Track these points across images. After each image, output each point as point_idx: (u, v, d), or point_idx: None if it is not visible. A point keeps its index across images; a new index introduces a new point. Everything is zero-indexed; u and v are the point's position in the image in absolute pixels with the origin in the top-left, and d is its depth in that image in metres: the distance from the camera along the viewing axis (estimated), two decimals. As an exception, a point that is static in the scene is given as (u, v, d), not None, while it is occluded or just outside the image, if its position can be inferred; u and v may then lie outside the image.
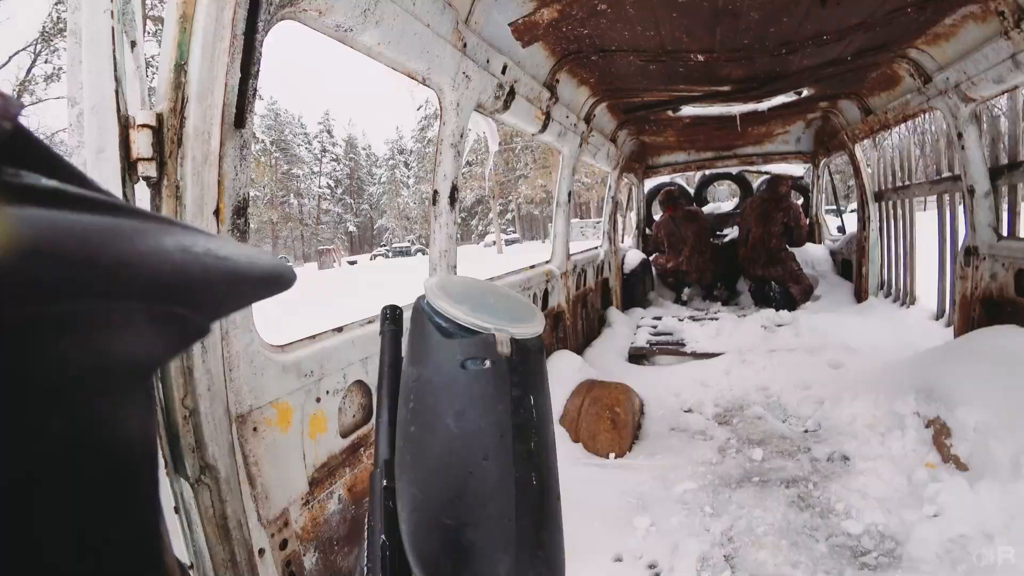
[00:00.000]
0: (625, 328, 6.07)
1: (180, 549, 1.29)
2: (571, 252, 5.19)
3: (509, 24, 2.66)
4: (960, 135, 3.69)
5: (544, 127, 3.89)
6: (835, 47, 3.53)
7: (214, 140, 1.35)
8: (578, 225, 38.90)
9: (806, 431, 3.56)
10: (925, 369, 3.38)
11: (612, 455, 3.34)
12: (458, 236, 2.93)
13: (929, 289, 5.10)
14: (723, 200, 10.65)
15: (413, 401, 0.44)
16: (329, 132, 64.56)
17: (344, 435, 2.04)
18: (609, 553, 2.43)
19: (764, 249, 6.72)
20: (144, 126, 1.17)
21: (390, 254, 46.64)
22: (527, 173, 42.00)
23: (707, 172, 8.84)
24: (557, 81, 3.78)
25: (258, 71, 1.54)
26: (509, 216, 53.17)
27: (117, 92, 1.14)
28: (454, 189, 2.78)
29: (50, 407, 0.19)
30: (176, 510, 1.27)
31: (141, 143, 1.17)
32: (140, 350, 0.22)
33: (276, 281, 0.27)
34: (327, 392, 1.92)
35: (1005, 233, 3.64)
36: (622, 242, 7.90)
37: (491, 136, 3.24)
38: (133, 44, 1.25)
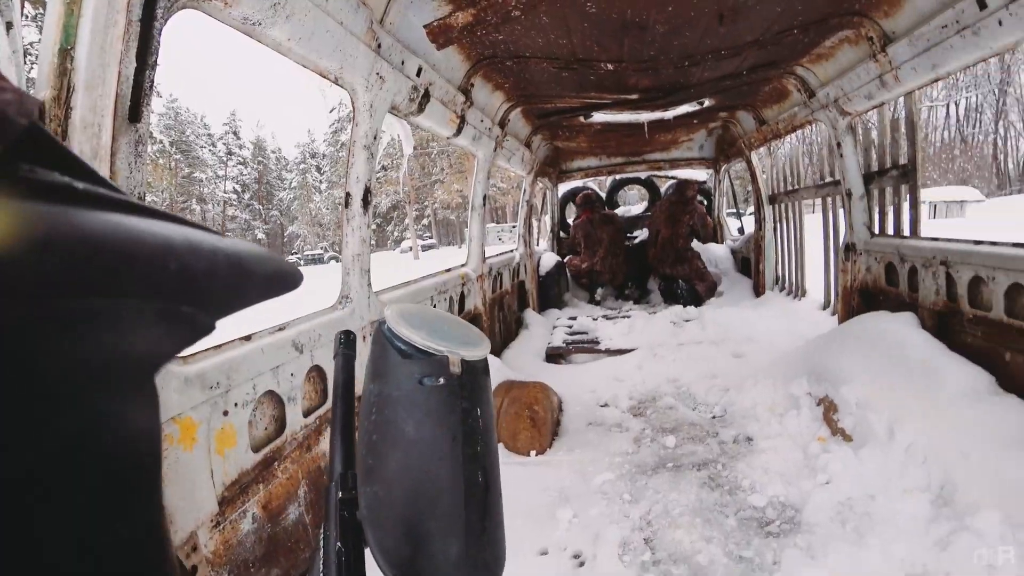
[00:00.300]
0: (542, 329, 6.19)
1: None
2: (487, 255, 5.23)
3: (424, 26, 2.65)
4: (839, 144, 4.10)
5: (459, 131, 3.89)
6: (732, 62, 3.82)
7: (105, 134, 1.25)
8: (495, 230, 39.19)
9: (714, 417, 3.79)
10: (814, 354, 3.70)
11: (533, 453, 3.39)
12: (372, 241, 2.88)
13: (818, 282, 5.60)
14: (633, 204, 11.15)
15: (375, 414, 0.48)
16: (235, 133, 60.90)
17: (256, 449, 1.95)
18: (535, 547, 2.47)
19: (672, 249, 7.11)
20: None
21: (302, 262, 44.79)
22: (443, 178, 41.81)
23: (618, 177, 9.23)
24: (472, 85, 3.80)
25: (156, 62, 1.45)
26: (425, 221, 52.64)
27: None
28: (367, 192, 2.73)
29: (57, 404, 0.19)
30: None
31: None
32: (147, 347, 0.22)
33: (283, 280, 0.27)
34: (235, 405, 1.82)
35: (877, 231, 4.07)
36: (537, 245, 8.07)
37: (405, 139, 3.21)
38: (9, 26, 1.15)
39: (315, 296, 2.84)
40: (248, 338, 1.96)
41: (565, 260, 8.04)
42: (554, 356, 5.46)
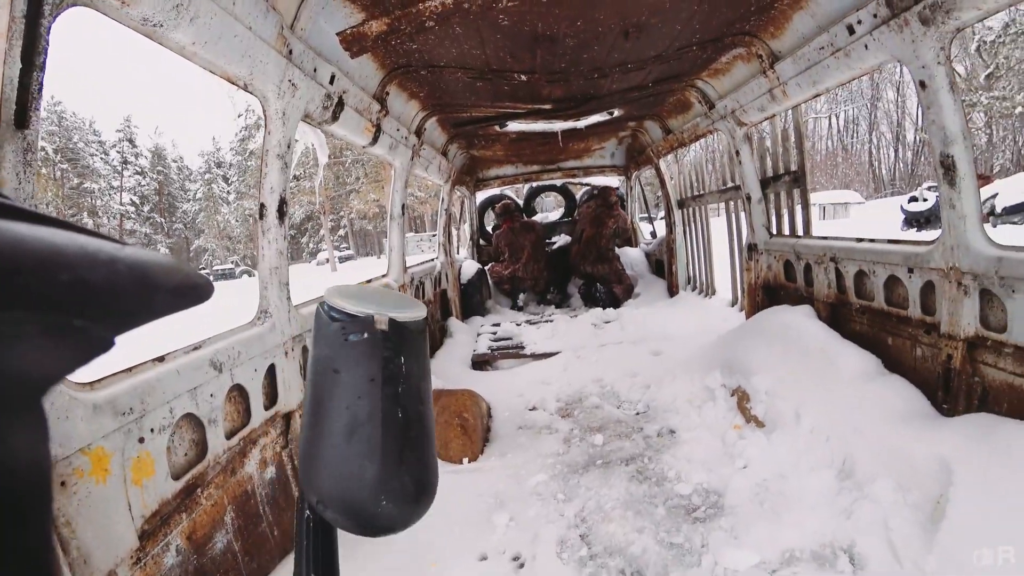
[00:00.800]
0: (466, 336, 6.20)
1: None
2: (408, 265, 5.18)
3: (337, 34, 2.60)
4: (738, 152, 4.43)
5: (375, 139, 3.84)
6: (638, 74, 4.03)
7: (-12, 142, 1.15)
8: (415, 239, 38.74)
9: (638, 413, 3.95)
10: (726, 348, 3.96)
11: (466, 460, 3.39)
12: (288, 252, 2.77)
13: (726, 281, 5.98)
14: (549, 211, 11.42)
15: (313, 375, 0.53)
16: (131, 141, 56.17)
17: (177, 477, 1.82)
18: (474, 553, 2.46)
19: (595, 247, 7.39)
20: None
21: (212, 277, 42.07)
22: (359, 188, 40.81)
23: (534, 184, 9.43)
24: (387, 94, 3.76)
25: (44, 63, 1.35)
26: (342, 232, 51.10)
27: None
28: (282, 202, 2.63)
29: None
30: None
31: None
32: (31, 367, 0.20)
33: (192, 292, 0.26)
34: (151, 431, 1.70)
35: (775, 232, 4.42)
36: (457, 253, 8.08)
37: (320, 147, 3.13)
38: None
39: (233, 313, 2.70)
40: (162, 359, 1.84)
41: (487, 267, 8.10)
42: (480, 363, 5.48)
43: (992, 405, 2.41)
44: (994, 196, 15.63)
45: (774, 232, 4.41)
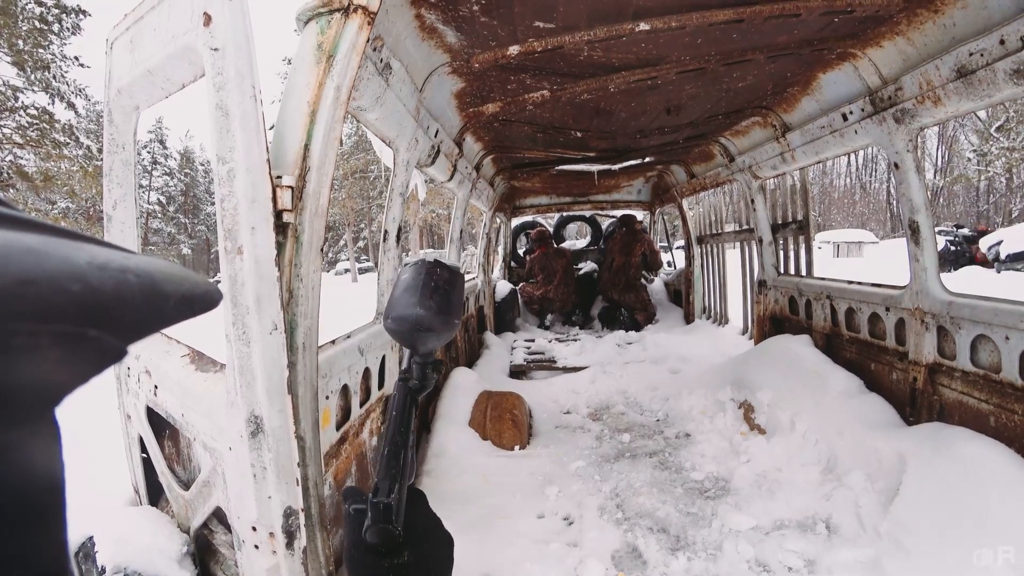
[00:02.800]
0: (501, 349, 6.89)
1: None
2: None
3: (462, 112, 3.36)
4: (753, 201, 5.16)
5: (451, 176, 4.61)
6: (672, 135, 4.81)
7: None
8: (434, 255, 39.44)
9: (658, 420, 4.63)
10: (736, 368, 4.64)
11: (516, 447, 4.08)
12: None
13: (738, 312, 6.67)
14: (573, 238, 12.18)
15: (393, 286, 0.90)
16: (162, 142, 58.09)
17: (337, 429, 2.53)
18: (533, 513, 3.16)
19: (624, 276, 8.11)
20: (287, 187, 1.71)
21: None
22: (383, 201, 41.89)
23: (564, 214, 10.19)
24: (463, 139, 4.54)
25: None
26: (362, 244, 52.27)
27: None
28: (399, 230, 3.40)
29: None
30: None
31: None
32: (45, 377, 0.20)
33: (201, 301, 0.26)
34: (331, 392, 2.42)
35: (782, 271, 5.13)
36: (492, 273, 8.84)
37: (420, 186, 3.91)
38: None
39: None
40: (334, 342, 2.57)
41: (519, 287, 8.85)
42: (517, 372, 6.18)
43: (947, 417, 3.08)
44: (999, 243, 16.12)
45: (781, 271, 5.12)
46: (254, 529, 1.81)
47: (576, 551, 2.77)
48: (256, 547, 1.82)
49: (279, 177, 1.70)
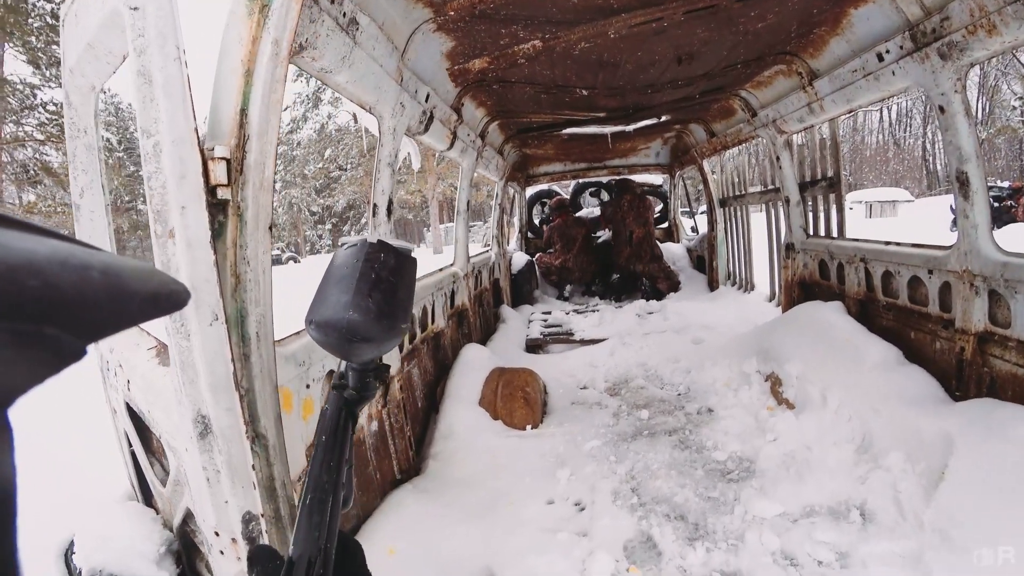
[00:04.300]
0: (518, 323, 6.70)
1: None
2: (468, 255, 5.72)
3: (447, 70, 3.10)
4: (778, 158, 4.78)
5: (451, 145, 4.36)
6: (687, 89, 4.43)
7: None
8: (445, 227, 39.42)
9: (679, 394, 4.38)
10: (762, 338, 4.35)
11: (528, 427, 3.89)
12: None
13: (765, 277, 6.32)
14: (590, 207, 11.81)
15: (325, 272, 0.75)
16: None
17: None
18: (542, 498, 2.97)
19: (649, 246, 7.80)
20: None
21: (258, 264, 43.61)
22: (402, 178, 41.73)
23: (580, 181, 9.84)
24: (462, 104, 4.26)
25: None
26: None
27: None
28: (390, 203, 3.17)
29: None
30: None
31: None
32: None
33: (168, 299, 0.25)
34: (313, 380, 2.25)
35: (811, 232, 4.76)
36: (508, 245, 8.61)
37: (415, 155, 3.66)
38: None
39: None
40: None
41: (536, 258, 8.60)
42: (533, 346, 5.99)
43: (999, 392, 2.77)
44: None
45: (810, 233, 4.76)
46: (217, 534, 1.67)
47: (585, 541, 2.59)
48: (221, 552, 1.69)
49: (211, 149, 1.49)
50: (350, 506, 0.66)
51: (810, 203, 4.75)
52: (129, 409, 2.39)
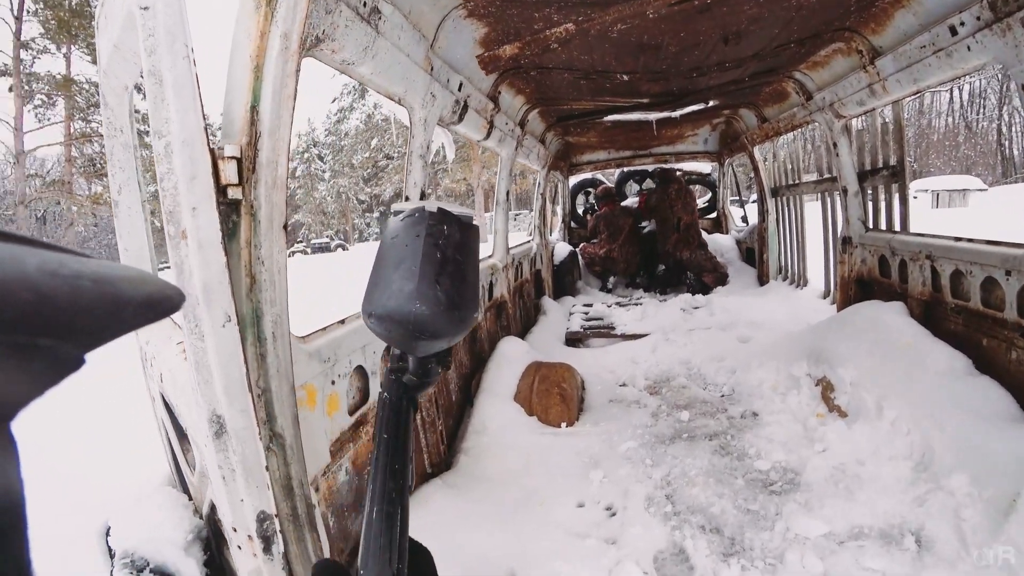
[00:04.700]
0: (559, 315, 6.59)
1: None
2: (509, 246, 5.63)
3: (476, 57, 3.00)
4: (835, 144, 4.46)
5: (488, 134, 4.27)
6: (735, 71, 4.17)
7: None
8: (488, 216, 39.44)
9: (723, 395, 4.19)
10: (814, 339, 4.09)
11: (563, 424, 3.80)
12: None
13: (819, 272, 5.97)
14: (632, 195, 11.51)
15: (378, 250, 0.67)
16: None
17: (351, 413, 2.35)
18: (573, 500, 2.89)
19: (696, 234, 7.60)
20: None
21: (309, 250, 45.02)
22: (447, 167, 41.99)
23: (625, 169, 9.58)
24: (499, 93, 4.16)
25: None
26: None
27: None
28: (422, 195, 3.11)
29: None
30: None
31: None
32: None
33: (162, 304, 0.25)
34: (339, 376, 2.22)
35: (871, 226, 4.44)
36: (550, 235, 8.47)
37: (448, 145, 3.59)
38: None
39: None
40: (343, 322, 2.36)
41: (579, 248, 8.44)
42: (573, 340, 5.87)
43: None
44: None
45: (870, 226, 4.43)
46: (235, 530, 1.67)
47: (614, 549, 2.49)
48: (239, 547, 1.69)
49: (221, 148, 1.45)
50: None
51: (870, 193, 4.42)
52: (163, 399, 2.44)
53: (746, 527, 2.56)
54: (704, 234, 8.08)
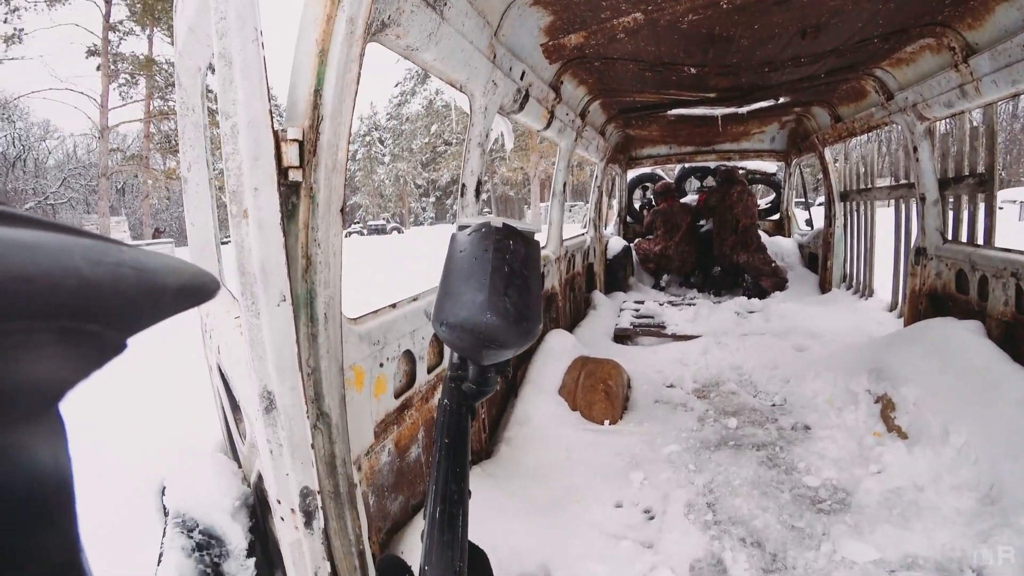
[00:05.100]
0: (609, 311, 6.50)
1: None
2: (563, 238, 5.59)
3: (541, 45, 2.96)
4: (915, 148, 4.18)
5: (548, 124, 4.23)
6: (811, 67, 3.96)
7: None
8: (543, 206, 39.27)
9: (773, 405, 4.04)
10: (877, 353, 3.88)
11: (607, 422, 3.76)
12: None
13: (886, 284, 5.65)
14: (692, 192, 11.19)
15: (446, 263, 0.72)
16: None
17: (396, 396, 2.39)
18: (610, 500, 2.85)
19: (756, 237, 7.34)
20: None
21: (365, 231, 46.17)
22: (505, 155, 42.04)
23: (686, 165, 9.31)
24: (561, 82, 4.10)
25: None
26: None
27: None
28: (479, 183, 3.12)
29: None
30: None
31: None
32: (45, 375, 0.20)
33: (198, 292, 0.26)
34: (387, 359, 2.26)
35: (950, 237, 4.15)
36: (605, 229, 8.35)
37: (508, 135, 3.58)
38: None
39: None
40: (394, 306, 2.40)
41: (634, 244, 8.30)
42: (622, 337, 5.79)
43: None
44: None
45: (948, 238, 4.15)
46: (279, 502, 1.74)
47: (650, 554, 2.45)
48: (282, 519, 1.75)
49: (284, 130, 1.48)
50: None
51: (951, 202, 4.13)
52: (220, 370, 2.55)
53: (790, 544, 2.46)
54: (764, 236, 7.80)
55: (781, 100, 5.27)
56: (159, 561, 2.10)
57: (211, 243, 2.66)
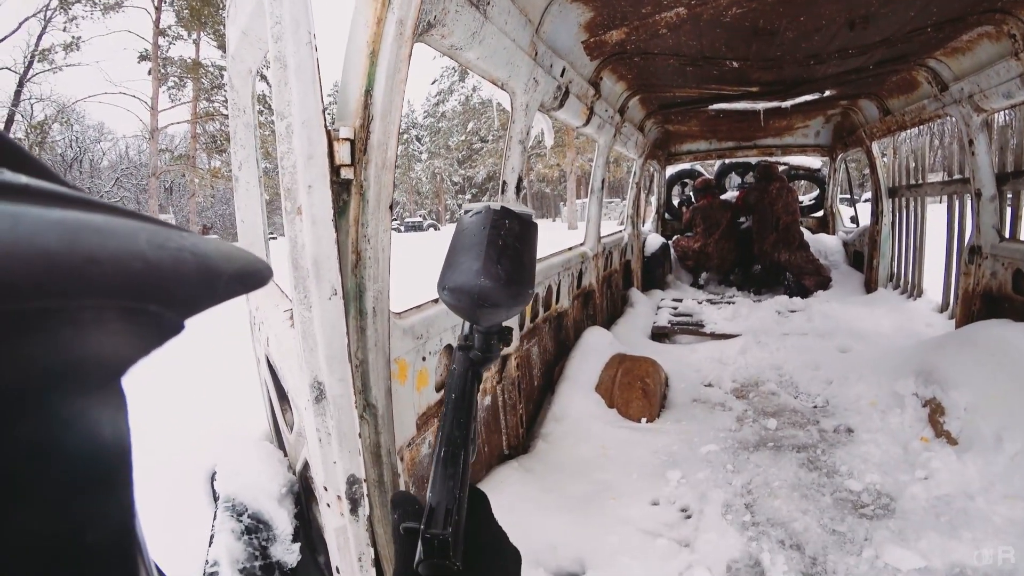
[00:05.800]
0: (646, 308, 6.45)
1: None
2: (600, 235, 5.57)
3: (582, 42, 2.97)
4: (971, 142, 4.01)
5: (587, 121, 4.22)
6: (859, 59, 3.84)
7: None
8: (579, 204, 38.97)
9: (815, 406, 3.95)
10: (925, 355, 3.75)
11: (644, 420, 3.75)
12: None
13: (936, 283, 5.44)
14: (732, 189, 10.96)
15: (450, 242, 0.77)
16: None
17: (438, 390, 2.45)
18: (647, 498, 2.85)
19: (798, 235, 7.17)
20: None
21: (402, 228, 46.77)
22: (541, 151, 41.94)
23: (726, 161, 9.13)
24: (601, 78, 4.09)
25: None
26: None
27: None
28: (519, 180, 3.15)
29: (13, 411, 0.19)
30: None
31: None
32: (111, 350, 0.22)
33: (252, 278, 0.27)
34: (430, 353, 2.32)
35: (1007, 235, 3.98)
36: (643, 226, 8.27)
37: (548, 131, 3.59)
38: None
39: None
40: (436, 301, 2.46)
41: (672, 241, 8.20)
42: (659, 335, 5.74)
43: None
44: None
45: (1006, 236, 3.97)
46: (325, 489, 1.81)
47: (686, 553, 2.44)
48: (328, 505, 1.82)
49: (336, 130, 1.54)
50: (473, 458, 0.68)
51: (1009, 199, 3.96)
52: (268, 361, 2.65)
53: (830, 549, 2.42)
54: (808, 233, 7.60)
55: (827, 93, 5.13)
56: (210, 542, 2.19)
57: (260, 239, 2.77)
